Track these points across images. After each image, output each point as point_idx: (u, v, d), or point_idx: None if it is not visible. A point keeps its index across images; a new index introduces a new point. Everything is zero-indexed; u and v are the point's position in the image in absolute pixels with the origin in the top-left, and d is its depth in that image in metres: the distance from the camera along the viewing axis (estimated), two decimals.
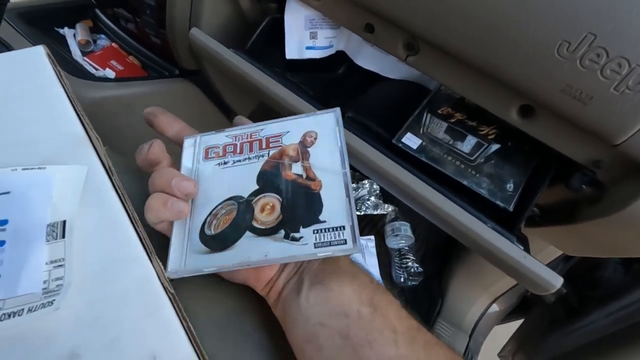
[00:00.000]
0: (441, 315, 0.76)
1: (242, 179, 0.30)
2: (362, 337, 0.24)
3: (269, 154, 0.31)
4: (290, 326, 0.27)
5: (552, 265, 0.63)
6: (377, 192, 0.95)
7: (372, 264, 0.84)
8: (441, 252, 0.88)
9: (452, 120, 0.45)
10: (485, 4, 0.31)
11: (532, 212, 0.43)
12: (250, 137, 0.32)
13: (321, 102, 0.46)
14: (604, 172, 0.34)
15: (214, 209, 0.29)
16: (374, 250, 0.86)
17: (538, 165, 0.42)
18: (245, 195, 0.29)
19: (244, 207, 0.29)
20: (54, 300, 0.22)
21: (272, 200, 0.29)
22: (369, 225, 0.93)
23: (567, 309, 0.69)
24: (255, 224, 0.28)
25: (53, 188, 0.25)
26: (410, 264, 0.82)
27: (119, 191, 0.28)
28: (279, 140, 0.31)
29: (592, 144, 0.32)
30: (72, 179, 0.26)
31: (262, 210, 0.29)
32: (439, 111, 0.46)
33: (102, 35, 0.68)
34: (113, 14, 0.66)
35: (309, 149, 0.31)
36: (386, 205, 0.93)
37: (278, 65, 0.52)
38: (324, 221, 0.27)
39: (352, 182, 0.95)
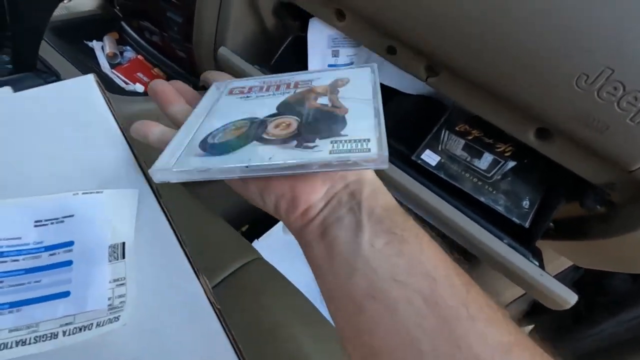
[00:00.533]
0: None
1: (262, 107, 0.29)
2: (458, 309, 0.19)
3: (295, 92, 0.30)
4: (340, 272, 0.22)
5: (563, 275, 0.65)
6: None
7: None
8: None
9: (470, 138, 0.47)
10: (506, 35, 0.33)
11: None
12: (279, 82, 0.31)
13: None
14: (618, 194, 0.36)
15: (223, 126, 0.28)
16: None
17: (553, 182, 0.43)
18: (262, 117, 0.28)
19: (257, 124, 0.27)
20: (119, 315, 0.25)
21: (289, 119, 0.27)
22: None
23: (574, 315, 0.71)
24: (265, 135, 0.26)
25: (111, 211, 0.27)
26: None
27: (166, 213, 0.30)
28: (308, 84, 0.30)
29: (607, 168, 0.34)
30: (127, 202, 0.28)
31: (277, 126, 0.26)
32: (457, 128, 0.48)
33: (128, 47, 0.71)
34: (139, 26, 0.69)
35: (339, 88, 0.29)
36: None
37: None
38: (346, 135, 0.24)
39: None
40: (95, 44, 0.68)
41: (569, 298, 0.34)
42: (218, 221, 0.43)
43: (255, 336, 0.31)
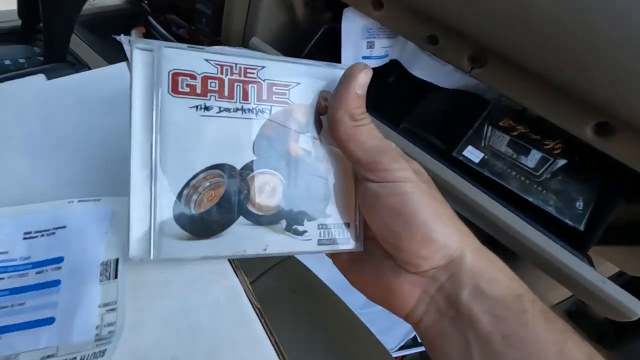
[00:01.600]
0: None
1: (232, 140, 0.21)
2: None
3: (270, 110, 0.22)
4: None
5: None
6: None
7: None
8: None
9: (515, 134, 0.44)
10: (574, 13, 0.30)
11: None
12: (245, 75, 0.22)
13: (375, 111, 0.46)
14: None
15: (193, 177, 0.21)
16: None
17: (608, 181, 0.40)
18: (238, 165, 0.22)
19: (236, 183, 0.22)
20: (105, 350, 0.21)
21: (273, 179, 0.23)
22: None
23: (617, 326, 0.67)
24: (251, 208, 0.22)
25: (107, 222, 0.24)
26: None
27: None
28: (285, 94, 0.23)
29: None
30: (126, 211, 0.25)
31: (261, 191, 0.22)
32: (500, 123, 0.45)
33: None
34: (165, 20, 0.68)
35: (322, 117, 0.23)
36: None
37: None
38: (330, 215, 0.23)
39: None
40: (123, 38, 0.67)
41: (636, 308, 0.31)
42: None
43: (301, 342, 0.30)
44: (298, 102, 0.23)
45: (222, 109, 0.21)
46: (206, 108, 0.21)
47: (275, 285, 0.36)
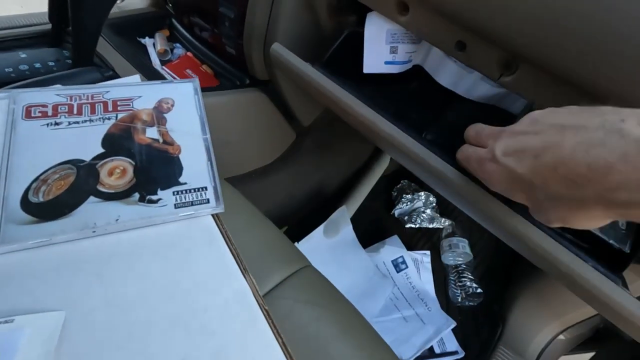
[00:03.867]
0: (502, 341, 0.72)
1: (81, 141, 0.26)
2: None
3: (116, 117, 0.28)
4: None
5: None
6: (434, 204, 0.92)
7: (427, 280, 0.82)
8: (502, 273, 0.83)
9: None
10: (623, 24, 0.28)
11: None
12: (92, 99, 0.28)
13: (397, 118, 0.45)
14: None
15: (41, 173, 0.25)
16: (429, 265, 0.83)
17: None
18: (87, 159, 0.26)
19: (85, 171, 0.25)
20: None
21: (122, 163, 0.26)
22: (424, 238, 0.90)
23: None
24: (101, 188, 0.25)
25: (18, 349, 0.20)
26: (468, 283, 0.78)
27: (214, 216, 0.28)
28: (129, 104, 0.29)
29: None
30: (46, 329, 0.21)
31: (111, 174, 0.26)
32: None
33: (178, 44, 0.71)
34: (189, 23, 0.69)
35: (165, 114, 0.29)
36: (443, 219, 0.89)
37: (352, 77, 0.52)
38: (185, 183, 0.26)
39: (408, 193, 0.93)
40: (147, 41, 0.69)
41: None
42: (267, 224, 0.41)
43: (304, 348, 0.29)
44: (142, 107, 0.29)
45: (71, 122, 0.27)
46: (57, 124, 0.27)
47: (292, 294, 0.36)
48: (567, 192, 0.22)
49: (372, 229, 0.88)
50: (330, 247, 0.75)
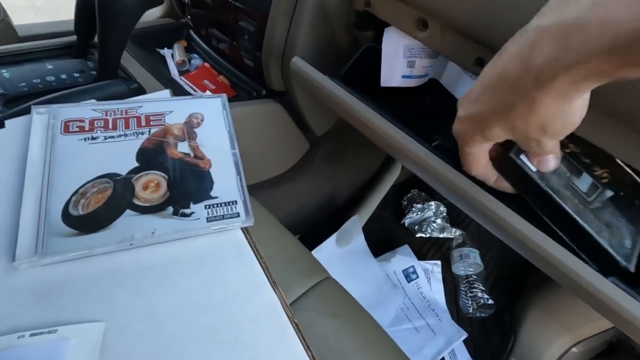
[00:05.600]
0: (514, 353, 0.72)
1: (117, 156, 0.27)
2: None
3: (149, 132, 0.29)
4: None
5: None
6: (444, 214, 0.92)
7: (437, 290, 0.82)
8: (513, 283, 0.83)
9: (567, 151, 0.42)
10: None
11: None
12: (126, 114, 0.29)
13: (412, 129, 0.46)
14: None
15: (80, 187, 0.26)
16: (439, 275, 0.83)
17: None
18: (123, 172, 0.27)
19: (121, 184, 0.27)
20: None
21: (156, 177, 0.27)
22: (434, 248, 0.90)
23: None
24: (137, 201, 0.26)
25: (65, 359, 0.21)
26: (479, 294, 0.79)
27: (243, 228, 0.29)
28: (160, 119, 0.30)
29: None
30: (89, 340, 0.22)
31: (145, 188, 0.27)
32: None
33: (195, 55, 0.73)
34: (206, 34, 0.70)
35: (195, 129, 0.30)
36: (453, 229, 0.90)
37: (369, 90, 0.53)
38: (216, 197, 0.27)
39: (418, 203, 0.93)
40: (166, 52, 0.70)
41: None
42: (287, 235, 0.42)
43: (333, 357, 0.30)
44: (173, 122, 0.30)
45: (107, 137, 0.28)
46: (93, 138, 0.28)
47: (314, 306, 0.36)
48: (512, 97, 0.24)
49: (381, 238, 0.88)
50: (342, 257, 0.75)
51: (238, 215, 0.27)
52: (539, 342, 0.70)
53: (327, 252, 0.73)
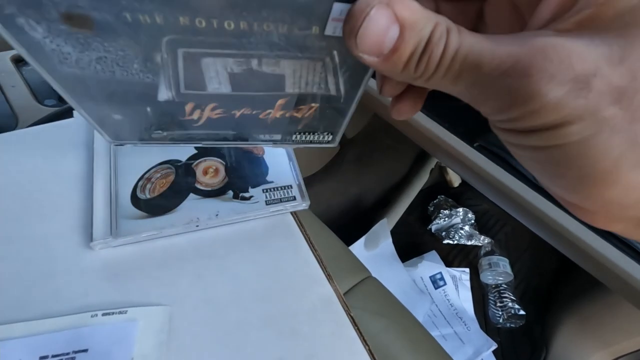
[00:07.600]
0: None
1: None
2: None
3: None
4: None
5: None
6: (472, 221, 0.91)
7: (465, 298, 0.80)
8: (543, 294, 0.81)
9: None
10: None
11: None
12: None
13: (453, 128, 0.46)
14: None
15: (145, 172, 0.28)
16: (468, 283, 0.82)
17: None
18: (183, 159, 0.28)
19: (183, 170, 0.28)
20: None
21: (214, 163, 0.29)
22: (460, 255, 0.88)
23: None
24: (199, 186, 0.27)
25: (133, 339, 0.22)
26: (510, 304, 0.77)
27: (297, 220, 0.29)
28: None
29: None
30: (156, 323, 0.23)
31: (205, 173, 0.28)
32: None
33: None
34: None
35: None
36: (482, 237, 0.88)
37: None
38: (272, 181, 0.28)
39: (445, 209, 0.92)
40: None
41: None
42: (329, 233, 0.42)
43: (378, 358, 0.30)
44: None
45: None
46: None
47: (359, 304, 0.36)
48: None
49: (408, 243, 0.87)
50: (369, 260, 0.75)
51: (294, 198, 0.28)
52: (573, 356, 0.68)
53: (356, 254, 0.73)
